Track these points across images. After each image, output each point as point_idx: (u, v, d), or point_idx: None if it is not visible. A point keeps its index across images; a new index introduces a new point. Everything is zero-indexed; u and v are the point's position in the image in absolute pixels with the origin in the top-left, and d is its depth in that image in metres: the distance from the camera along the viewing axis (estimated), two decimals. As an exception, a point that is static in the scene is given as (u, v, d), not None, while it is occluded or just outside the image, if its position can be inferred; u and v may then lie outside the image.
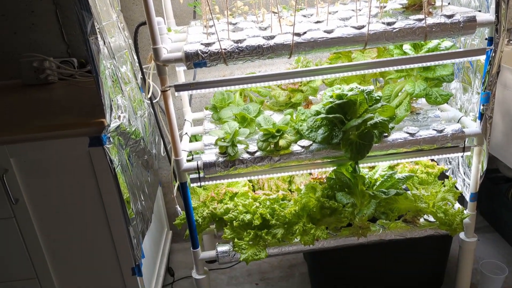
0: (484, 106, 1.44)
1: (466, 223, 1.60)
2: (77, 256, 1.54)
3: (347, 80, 1.64)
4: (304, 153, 1.43)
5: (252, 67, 1.98)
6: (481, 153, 1.51)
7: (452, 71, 1.49)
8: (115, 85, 1.42)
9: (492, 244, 2.08)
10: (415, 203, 1.50)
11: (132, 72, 1.62)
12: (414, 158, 1.51)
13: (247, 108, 1.60)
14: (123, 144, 1.49)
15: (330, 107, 1.34)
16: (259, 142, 1.43)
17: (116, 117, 1.40)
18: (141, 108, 1.67)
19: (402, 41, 1.32)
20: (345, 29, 1.31)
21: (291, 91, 1.68)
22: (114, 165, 1.39)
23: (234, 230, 1.52)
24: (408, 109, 1.51)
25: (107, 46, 1.40)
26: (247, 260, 1.45)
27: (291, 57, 1.31)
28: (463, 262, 1.68)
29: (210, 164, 1.42)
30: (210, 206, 1.58)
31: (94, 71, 1.26)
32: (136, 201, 1.58)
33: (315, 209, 1.47)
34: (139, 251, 1.57)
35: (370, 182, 1.52)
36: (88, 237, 1.51)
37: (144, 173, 1.72)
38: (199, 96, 2.03)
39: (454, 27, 1.31)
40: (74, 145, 1.37)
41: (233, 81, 1.38)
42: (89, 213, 1.47)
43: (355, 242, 1.55)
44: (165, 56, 1.28)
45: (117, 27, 1.56)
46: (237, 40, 1.29)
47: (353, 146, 1.35)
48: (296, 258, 2.11)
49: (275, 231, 1.47)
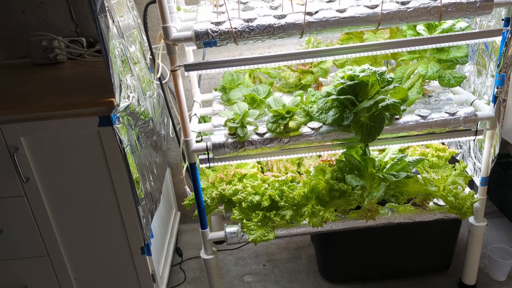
0: (499, 89, 1.41)
1: (476, 207, 1.58)
2: (87, 235, 1.55)
3: (358, 62, 1.61)
4: (314, 135, 1.42)
5: (261, 48, 1.96)
6: (493, 137, 1.49)
7: (466, 53, 1.46)
8: (124, 64, 1.41)
9: (501, 229, 2.08)
10: (425, 187, 1.49)
11: (141, 52, 1.61)
12: (425, 141, 1.49)
13: (257, 89, 1.59)
14: (132, 125, 1.49)
15: (341, 88, 1.33)
16: (268, 123, 1.42)
17: (126, 97, 1.39)
18: (150, 88, 1.67)
19: (416, 21, 1.29)
20: (358, 9, 1.28)
21: (301, 72, 1.66)
22: (123, 145, 1.39)
23: (242, 211, 1.52)
24: (420, 91, 1.48)
25: (116, 25, 1.38)
26: (255, 241, 1.46)
27: (302, 37, 1.29)
28: (472, 246, 1.67)
29: (219, 145, 1.42)
30: (219, 187, 1.59)
31: (104, 49, 1.25)
32: (145, 181, 1.58)
33: (324, 191, 1.46)
34: (148, 231, 1.58)
35: (380, 165, 1.51)
36: (98, 216, 1.52)
37: (153, 153, 1.73)
38: (207, 78, 2.02)
39: (470, 7, 1.27)
40: (84, 124, 1.37)
41: (243, 61, 1.36)
42: (99, 192, 1.48)
43: (363, 225, 1.55)
44: (175, 35, 1.27)
45: (126, 5, 1.54)
46: (247, 19, 1.27)
47: (364, 128, 1.34)
48: (303, 240, 2.12)
49: (284, 213, 1.47)
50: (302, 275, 1.91)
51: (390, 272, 1.82)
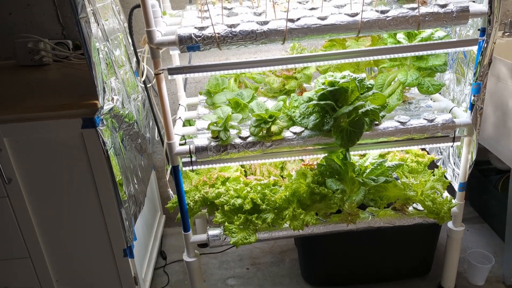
0: (475, 97, 1.45)
1: (454, 212, 1.62)
2: (69, 237, 1.55)
3: (341, 68, 1.65)
4: (296, 139, 1.44)
5: (247, 54, 1.98)
6: (471, 144, 1.52)
7: (445, 61, 1.50)
8: (109, 67, 1.42)
9: (481, 234, 2.11)
10: (404, 191, 1.52)
11: (126, 56, 1.62)
12: (405, 146, 1.52)
13: (241, 94, 1.61)
14: (117, 127, 1.50)
15: (322, 94, 1.35)
16: (251, 127, 1.44)
17: (110, 100, 1.41)
18: (135, 91, 1.68)
19: (395, 29, 1.33)
20: (338, 16, 1.31)
21: (285, 78, 1.69)
22: (107, 147, 1.40)
23: (225, 214, 1.53)
24: (400, 98, 1.52)
25: (100, 28, 1.40)
26: (237, 244, 1.47)
27: (284, 43, 1.32)
28: (451, 250, 1.70)
29: (202, 148, 1.43)
30: (202, 190, 1.60)
31: (86, 52, 1.26)
32: (129, 184, 1.59)
33: (305, 195, 1.48)
34: (131, 233, 1.59)
35: (360, 170, 1.54)
36: (80, 218, 1.52)
37: (137, 156, 1.74)
38: (194, 82, 2.04)
39: (447, 17, 1.31)
40: (67, 126, 1.38)
41: (227, 65, 1.38)
42: (82, 194, 1.48)
43: (344, 229, 1.57)
44: (159, 39, 1.29)
45: (112, 9, 1.56)
46: (230, 24, 1.30)
47: (344, 133, 1.37)
48: (287, 244, 2.14)
49: (265, 216, 1.49)
50: (285, 278, 1.93)
51: (372, 276, 1.85)
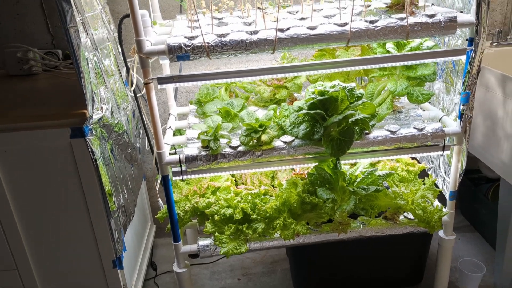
0: (464, 106, 1.46)
1: (445, 221, 1.62)
2: (57, 248, 1.53)
3: (331, 78, 1.65)
4: (286, 148, 1.44)
5: (238, 63, 1.99)
6: (460, 153, 1.53)
7: (434, 71, 1.51)
8: (98, 77, 1.42)
9: (472, 243, 2.12)
10: (395, 200, 1.52)
11: (115, 65, 1.62)
12: (395, 155, 1.53)
13: (231, 103, 1.61)
14: (106, 137, 1.48)
15: (311, 103, 1.35)
16: (241, 136, 1.43)
17: (99, 109, 1.40)
18: (125, 101, 1.67)
19: (384, 39, 1.34)
20: (328, 26, 1.32)
21: (275, 87, 1.69)
22: (96, 157, 1.39)
23: (215, 224, 1.52)
24: (390, 107, 1.52)
25: (90, 38, 1.39)
26: (227, 254, 1.46)
27: (274, 52, 1.32)
28: (442, 259, 1.70)
29: (192, 157, 1.42)
30: (192, 200, 1.59)
31: (75, 62, 1.26)
32: (119, 195, 1.57)
33: (296, 204, 1.48)
34: (121, 244, 1.57)
35: (351, 179, 1.54)
36: (69, 229, 1.50)
37: (127, 166, 1.72)
38: (184, 91, 2.03)
39: (435, 27, 1.33)
40: (56, 136, 1.37)
41: (217, 75, 1.38)
42: (70, 204, 1.46)
43: (335, 238, 1.57)
44: (148, 49, 1.28)
45: (101, 19, 1.55)
46: (220, 34, 1.30)
47: (334, 142, 1.37)
48: (278, 254, 2.12)
49: (256, 226, 1.48)
50: (277, 289, 1.92)
51: (363, 285, 1.84)
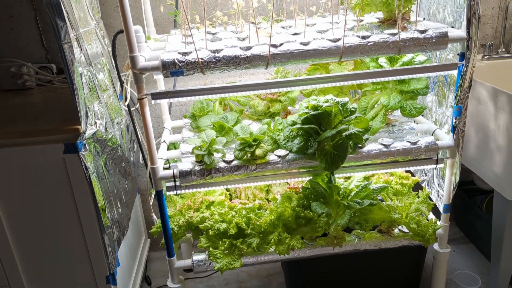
0: (457, 120, 1.47)
1: (439, 234, 1.62)
2: (50, 263, 1.52)
3: (325, 92, 1.66)
4: (280, 162, 1.44)
5: (232, 77, 1.99)
6: (454, 166, 1.54)
7: (426, 85, 1.52)
8: (92, 92, 1.42)
9: (467, 255, 2.12)
10: (389, 214, 1.52)
11: (109, 80, 1.62)
12: (389, 169, 1.53)
13: (226, 117, 1.61)
14: (100, 151, 1.48)
15: (305, 117, 1.36)
16: (235, 151, 1.43)
17: (93, 124, 1.39)
18: (119, 115, 1.67)
19: (376, 54, 1.35)
20: (321, 42, 1.33)
21: (270, 101, 1.70)
22: (89, 172, 1.38)
23: (209, 239, 1.52)
24: (383, 121, 1.53)
25: (84, 53, 1.40)
26: (221, 269, 1.45)
27: (267, 68, 1.33)
28: (437, 272, 1.70)
29: (186, 172, 1.42)
30: (186, 214, 1.58)
31: (69, 77, 1.26)
32: (112, 209, 1.57)
33: (291, 219, 1.47)
34: (114, 260, 1.55)
35: (345, 193, 1.54)
36: (62, 244, 1.49)
37: (121, 180, 1.72)
38: (179, 104, 2.03)
39: (426, 42, 1.34)
40: (49, 151, 1.36)
41: (211, 90, 1.39)
42: (63, 220, 1.45)
43: (330, 252, 1.56)
44: (142, 64, 1.29)
45: (95, 34, 1.56)
46: (214, 50, 1.31)
47: (328, 157, 1.37)
48: (273, 267, 2.11)
49: (251, 240, 1.47)
50: (272, 303, 1.90)
51: (359, 299, 1.83)
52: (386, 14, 1.47)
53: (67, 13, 1.30)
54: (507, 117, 1.54)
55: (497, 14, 1.98)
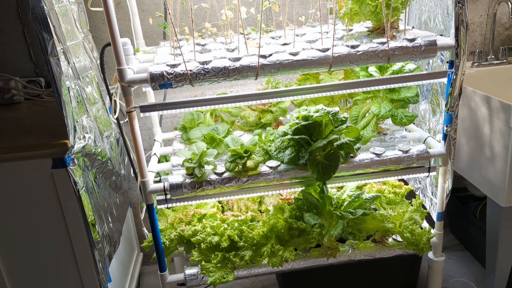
0: (448, 127, 1.46)
1: (433, 242, 1.61)
2: (39, 280, 1.48)
3: (316, 101, 1.66)
4: (272, 173, 1.43)
5: (223, 88, 1.98)
6: (446, 173, 1.53)
7: (416, 93, 1.52)
8: (80, 105, 1.40)
9: (462, 262, 2.10)
10: (383, 223, 1.51)
11: (98, 93, 1.60)
12: (382, 178, 1.52)
13: (216, 129, 1.60)
14: (89, 165, 1.46)
15: (296, 128, 1.35)
16: (226, 162, 1.42)
17: (81, 138, 1.38)
18: (108, 128, 1.65)
19: (366, 63, 1.35)
20: (310, 52, 1.33)
21: (261, 111, 1.69)
22: (78, 187, 1.36)
23: (202, 253, 1.49)
24: (375, 129, 1.53)
25: (71, 66, 1.38)
26: (214, 283, 1.42)
27: (257, 78, 1.32)
28: (432, 280, 1.69)
29: (176, 185, 1.40)
30: (178, 228, 1.56)
31: (56, 92, 1.24)
32: (103, 224, 1.54)
33: (284, 230, 1.46)
34: (105, 275, 1.53)
35: (338, 203, 1.52)
36: (51, 260, 1.46)
37: (112, 194, 1.69)
38: (170, 116, 2.02)
39: (415, 51, 1.34)
40: (37, 167, 1.34)
41: (200, 102, 1.37)
42: (52, 236, 1.43)
43: (324, 263, 1.54)
44: (130, 77, 1.28)
45: (83, 47, 1.54)
46: (203, 61, 1.30)
47: (320, 167, 1.36)
48: (268, 279, 2.08)
49: (243, 253, 1.45)
50: (267, 316, 1.88)
51: (355, 310, 1.81)
52: (375, 23, 1.47)
53: (54, 26, 1.29)
54: (498, 123, 1.54)
55: (486, 22, 2.00)
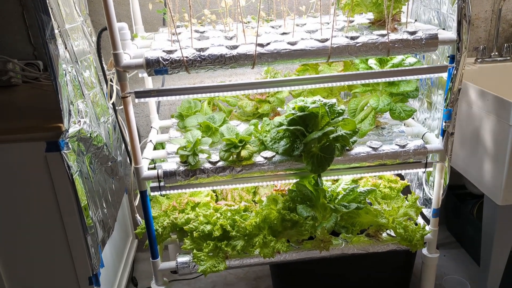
0: (446, 123, 1.45)
1: (428, 238, 1.60)
2: (31, 264, 1.49)
3: (314, 93, 1.64)
4: (266, 164, 1.42)
5: (222, 77, 1.97)
6: (443, 170, 1.52)
7: (416, 87, 1.50)
8: (76, 90, 1.39)
9: (457, 260, 2.09)
10: (376, 218, 1.50)
11: (96, 78, 1.59)
12: (377, 172, 1.51)
13: (213, 117, 1.59)
14: (84, 150, 1.45)
15: (291, 119, 1.34)
16: (221, 151, 1.41)
17: (76, 122, 1.37)
18: (105, 114, 1.64)
19: (365, 55, 1.33)
20: (308, 42, 1.31)
21: (258, 101, 1.68)
22: (71, 172, 1.35)
23: (194, 241, 1.49)
24: (372, 123, 1.51)
25: (69, 50, 1.37)
26: (205, 272, 1.42)
27: (254, 67, 1.30)
28: (426, 277, 1.68)
29: (170, 173, 1.40)
30: (171, 215, 1.56)
31: (52, 75, 1.23)
32: (97, 209, 1.54)
33: (276, 221, 1.45)
34: (98, 260, 1.53)
35: (332, 195, 1.51)
36: (43, 244, 1.46)
37: (108, 180, 1.69)
38: (168, 104, 2.01)
39: (416, 44, 1.32)
40: (31, 150, 1.33)
41: (197, 89, 1.36)
42: (45, 219, 1.43)
43: (317, 255, 1.54)
44: (126, 62, 1.26)
45: (82, 31, 1.53)
46: (199, 48, 1.28)
47: (315, 159, 1.35)
48: (262, 270, 2.09)
49: (235, 243, 1.45)
50: (259, 306, 1.88)
51: (347, 304, 1.81)
52: (377, 15, 1.45)
53: (52, 8, 1.28)
54: (498, 121, 1.52)
55: (490, 17, 1.96)
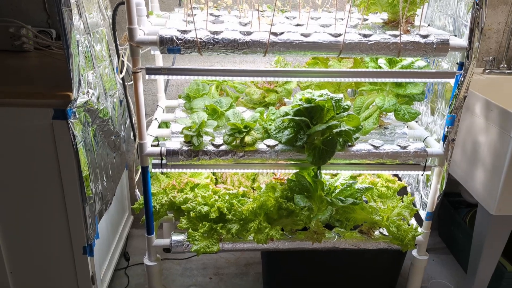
0: (449, 129, 1.46)
1: (419, 240, 1.62)
2: (28, 229, 1.51)
3: (322, 87, 1.65)
4: (268, 152, 1.44)
5: (232, 63, 1.98)
6: (441, 174, 1.54)
7: (422, 91, 1.52)
8: (87, 61, 1.40)
9: (445, 265, 2.13)
10: (371, 215, 1.52)
11: (107, 51, 1.61)
12: (376, 171, 1.53)
13: (220, 101, 1.60)
14: (90, 122, 1.47)
15: (297, 109, 1.35)
16: (225, 135, 1.43)
17: (85, 93, 1.38)
18: (113, 88, 1.66)
19: (376, 54, 1.34)
20: (321, 35, 1.32)
21: (266, 90, 1.69)
22: (76, 141, 1.37)
23: (190, 221, 1.52)
24: (376, 122, 1.53)
25: (83, 21, 1.38)
26: (198, 252, 1.45)
27: (265, 55, 1.32)
28: (413, 278, 1.71)
29: (173, 151, 1.42)
30: (170, 194, 1.58)
31: (65, 43, 1.24)
32: (97, 181, 1.56)
33: (273, 209, 1.47)
34: (93, 231, 1.55)
35: (329, 189, 1.54)
36: (42, 210, 1.49)
37: (110, 154, 1.71)
38: (176, 84, 2.03)
39: (427, 47, 1.33)
40: (38, 115, 1.35)
41: (207, 71, 1.38)
42: (46, 186, 1.45)
43: (309, 247, 1.57)
44: (140, 38, 1.28)
45: (97, 3, 1.54)
46: (214, 31, 1.30)
47: (316, 151, 1.37)
48: (253, 257, 2.12)
49: (230, 226, 1.47)
50: (247, 291, 1.91)
51: (333, 297, 1.84)
52: (391, 16, 1.46)
53: (69, -23, 1.28)
54: (500, 132, 1.54)
55: (503, 29, 1.97)
